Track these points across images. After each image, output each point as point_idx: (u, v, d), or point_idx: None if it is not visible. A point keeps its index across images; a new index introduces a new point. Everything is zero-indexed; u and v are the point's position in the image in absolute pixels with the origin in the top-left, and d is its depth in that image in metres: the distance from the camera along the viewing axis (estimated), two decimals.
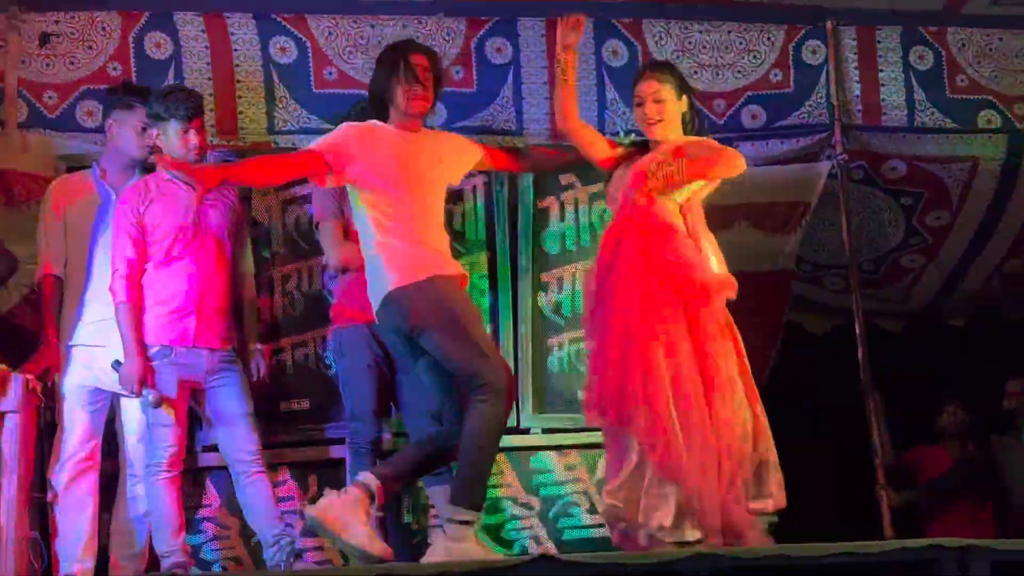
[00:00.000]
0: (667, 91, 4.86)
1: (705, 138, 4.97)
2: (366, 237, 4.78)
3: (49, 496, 5.20)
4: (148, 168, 5.29)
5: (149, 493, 5.06)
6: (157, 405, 5.00)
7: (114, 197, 5.25)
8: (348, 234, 5.17)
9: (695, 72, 6.00)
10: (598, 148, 5.03)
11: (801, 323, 7.27)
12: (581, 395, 5.05)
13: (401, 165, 4.71)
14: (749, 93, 6.12)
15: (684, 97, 4.92)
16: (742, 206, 6.08)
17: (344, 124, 4.83)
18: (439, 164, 4.83)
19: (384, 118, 4.84)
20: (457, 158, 4.97)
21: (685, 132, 4.93)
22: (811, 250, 6.77)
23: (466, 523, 4.55)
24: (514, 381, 4.73)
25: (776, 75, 6.16)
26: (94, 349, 5.20)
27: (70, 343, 5.25)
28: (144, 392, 5.00)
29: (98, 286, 5.19)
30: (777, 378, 6.03)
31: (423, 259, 4.68)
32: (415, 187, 4.72)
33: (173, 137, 5.06)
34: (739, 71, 6.13)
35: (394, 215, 4.68)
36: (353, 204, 4.82)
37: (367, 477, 4.61)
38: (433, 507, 5.40)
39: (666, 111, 4.85)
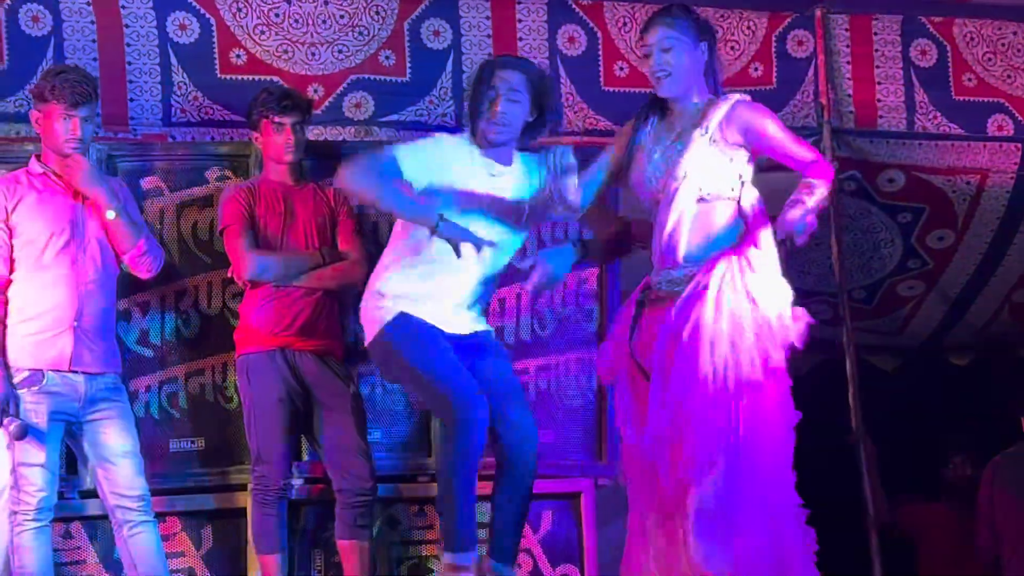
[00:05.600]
0: (677, 38, 4.41)
1: (738, 96, 4.48)
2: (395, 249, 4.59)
3: None
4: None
5: (13, 546, 4.70)
6: (21, 437, 4.64)
7: None
8: (260, 241, 4.93)
9: None
10: (611, 162, 4.60)
11: None
12: None
13: (458, 189, 4.46)
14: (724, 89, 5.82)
15: (704, 44, 4.46)
16: None
17: (437, 135, 4.67)
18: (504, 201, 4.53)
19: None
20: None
21: (708, 87, 4.50)
22: (794, 275, 6.12)
23: None
24: None
25: (756, 69, 5.97)
26: None
27: None
28: (7, 423, 4.65)
29: None
30: None
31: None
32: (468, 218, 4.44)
33: (53, 122, 4.77)
34: None
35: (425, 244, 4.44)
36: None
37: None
38: None
39: (676, 62, 4.40)
